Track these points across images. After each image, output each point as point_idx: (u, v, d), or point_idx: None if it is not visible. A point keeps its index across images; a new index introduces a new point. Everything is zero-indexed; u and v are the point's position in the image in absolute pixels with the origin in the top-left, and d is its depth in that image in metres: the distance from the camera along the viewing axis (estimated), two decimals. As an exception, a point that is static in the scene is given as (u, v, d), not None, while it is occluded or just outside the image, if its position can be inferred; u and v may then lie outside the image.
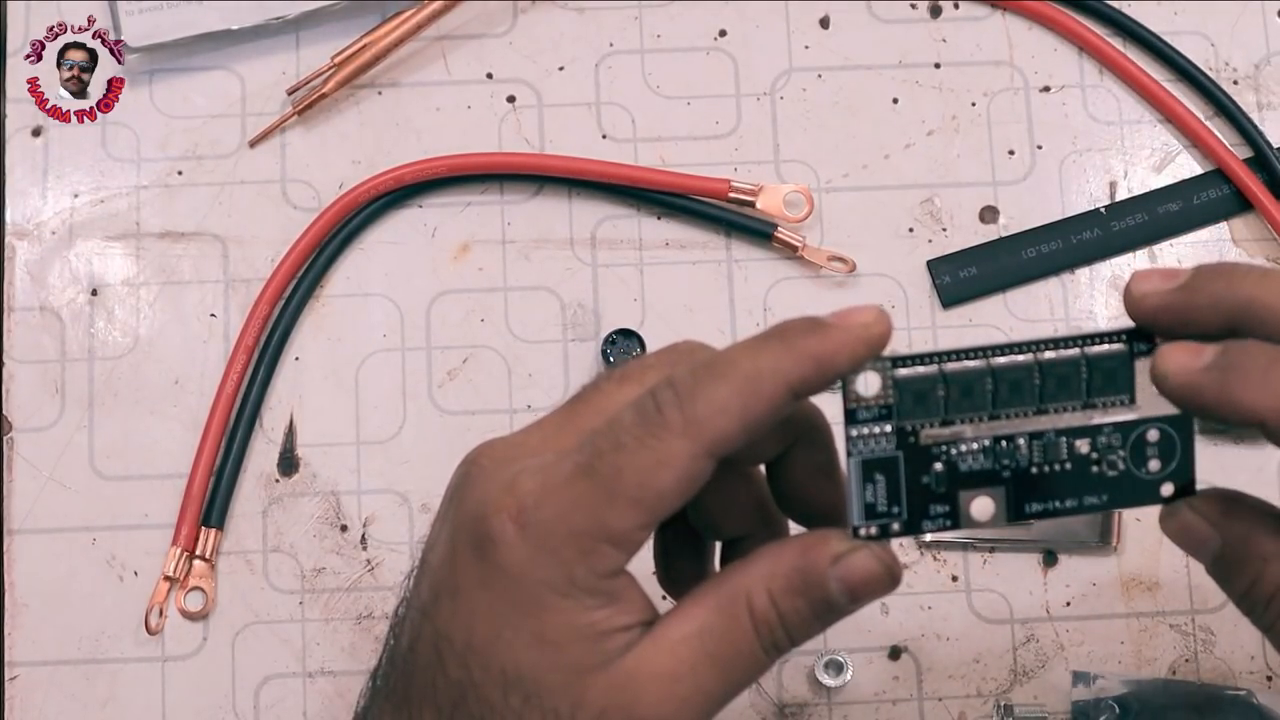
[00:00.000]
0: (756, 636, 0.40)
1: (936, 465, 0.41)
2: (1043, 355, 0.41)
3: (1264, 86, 0.66)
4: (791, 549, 0.41)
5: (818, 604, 0.40)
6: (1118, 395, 0.41)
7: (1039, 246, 0.64)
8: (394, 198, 0.64)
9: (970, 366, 0.41)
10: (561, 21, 0.66)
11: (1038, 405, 0.41)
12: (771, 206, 0.63)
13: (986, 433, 0.41)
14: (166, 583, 0.60)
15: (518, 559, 0.40)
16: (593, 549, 0.40)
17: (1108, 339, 0.41)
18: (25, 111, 0.65)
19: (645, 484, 0.39)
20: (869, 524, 0.41)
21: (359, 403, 0.62)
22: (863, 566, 0.40)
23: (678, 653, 0.40)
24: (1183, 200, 0.65)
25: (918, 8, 0.67)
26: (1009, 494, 0.41)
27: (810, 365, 0.40)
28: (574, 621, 0.40)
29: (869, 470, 0.40)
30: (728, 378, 0.40)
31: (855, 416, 0.40)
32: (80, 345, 0.62)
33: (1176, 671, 0.60)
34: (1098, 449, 0.41)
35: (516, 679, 0.40)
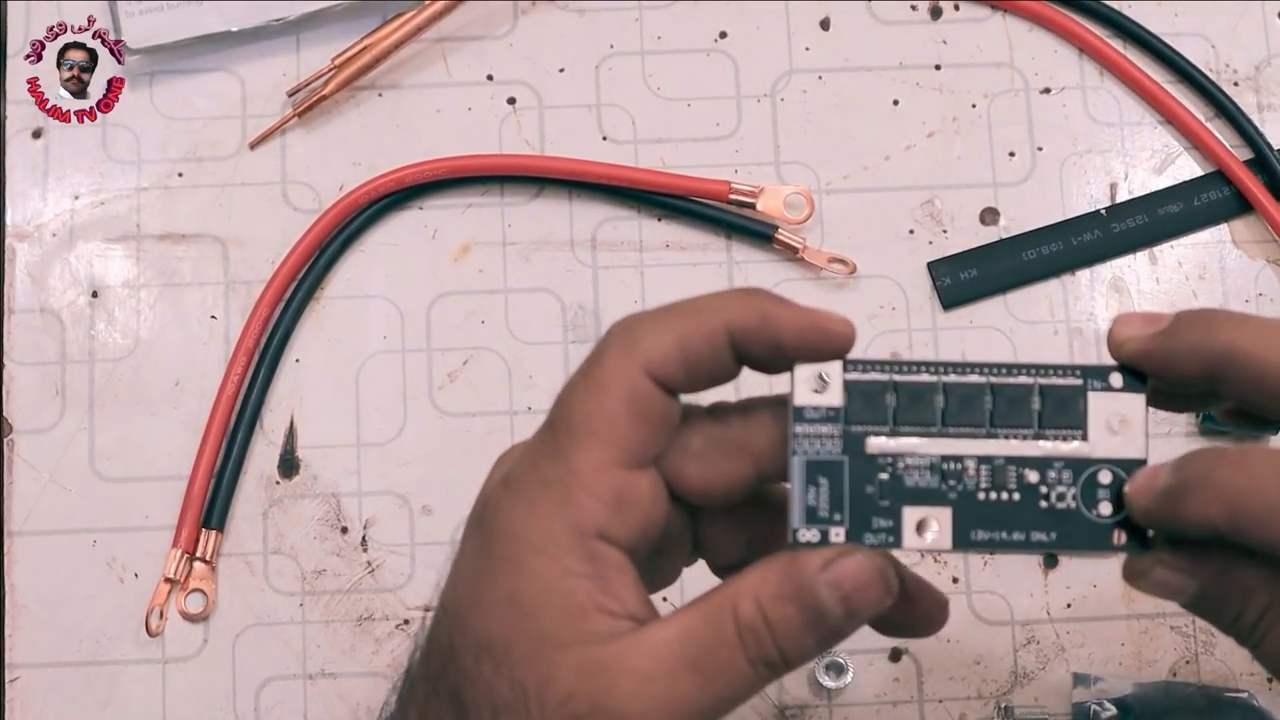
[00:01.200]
0: (741, 645, 0.39)
1: (882, 475, 0.40)
2: (995, 377, 0.41)
3: (1264, 88, 0.66)
4: (781, 558, 0.40)
5: (808, 612, 0.39)
6: (1070, 429, 0.41)
7: (1039, 248, 0.64)
8: (394, 199, 0.64)
9: (921, 379, 0.40)
10: (562, 23, 0.66)
11: (988, 427, 0.41)
12: (772, 208, 0.63)
13: (935, 450, 0.40)
14: (167, 584, 0.60)
15: (502, 515, 0.40)
16: (567, 496, 0.39)
17: (1063, 371, 0.41)
18: (25, 113, 0.65)
19: (592, 410, 0.40)
20: (809, 528, 0.40)
21: (359, 404, 0.62)
22: (854, 569, 0.39)
23: (657, 653, 0.39)
24: (1183, 202, 0.65)
25: (918, 9, 0.67)
26: (955, 517, 0.40)
27: (755, 316, 0.40)
28: (551, 585, 0.39)
29: (812, 472, 0.40)
30: (673, 307, 0.41)
31: (802, 415, 0.40)
32: (81, 347, 0.62)
33: (1177, 673, 0.60)
34: (1047, 482, 0.41)
35: (488, 644, 0.39)
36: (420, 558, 0.61)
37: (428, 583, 0.60)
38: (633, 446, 0.40)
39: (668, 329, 0.40)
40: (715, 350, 0.40)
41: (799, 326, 0.40)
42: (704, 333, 0.40)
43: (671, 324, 0.40)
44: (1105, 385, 0.41)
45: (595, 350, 0.41)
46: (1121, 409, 0.41)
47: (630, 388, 0.40)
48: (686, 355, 0.40)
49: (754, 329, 0.40)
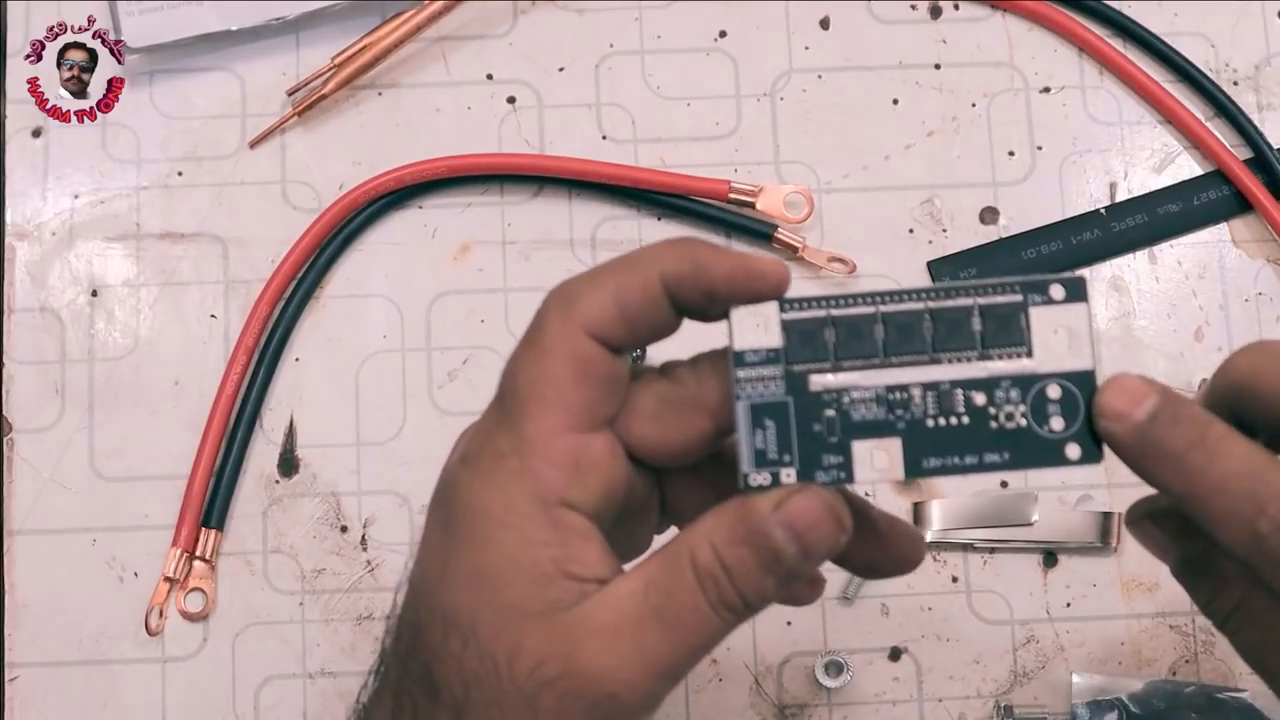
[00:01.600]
0: (701, 590, 0.39)
1: (828, 412, 0.40)
2: (932, 302, 0.40)
3: (1264, 87, 0.66)
4: (732, 504, 0.40)
5: (763, 552, 0.39)
6: (1013, 346, 0.40)
7: (1039, 247, 0.64)
8: (394, 198, 0.64)
9: (859, 311, 0.40)
10: (561, 22, 0.66)
11: (930, 354, 0.40)
12: (772, 207, 0.63)
13: (878, 381, 0.40)
14: (166, 584, 0.60)
15: (461, 491, 0.40)
16: (523, 467, 0.39)
17: (1002, 288, 0.40)
18: (25, 112, 0.65)
19: (536, 378, 0.40)
20: (759, 471, 0.40)
21: (359, 404, 0.62)
22: (804, 507, 0.39)
23: (621, 607, 0.39)
24: (1183, 201, 0.65)
25: (918, 9, 0.67)
26: (905, 447, 0.40)
27: (687, 263, 0.40)
28: (516, 556, 0.39)
29: (758, 415, 0.40)
30: (605, 267, 0.41)
31: (743, 359, 0.40)
32: (80, 346, 0.62)
33: (1177, 672, 0.60)
34: (995, 403, 0.40)
35: (455, 619, 0.39)
36: (420, 557, 0.61)
37: (427, 582, 0.60)
38: (582, 409, 0.40)
39: (602, 286, 0.40)
40: (652, 302, 0.40)
41: (730, 269, 0.40)
42: (639, 285, 0.40)
43: (606, 281, 0.40)
44: (1046, 298, 0.40)
45: (535, 318, 0.41)
46: (1065, 320, 0.40)
47: (572, 350, 0.40)
48: (624, 310, 0.40)
49: (687, 276, 0.40)
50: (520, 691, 0.39)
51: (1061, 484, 0.61)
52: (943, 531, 0.60)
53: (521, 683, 0.39)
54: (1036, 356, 0.40)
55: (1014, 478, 0.62)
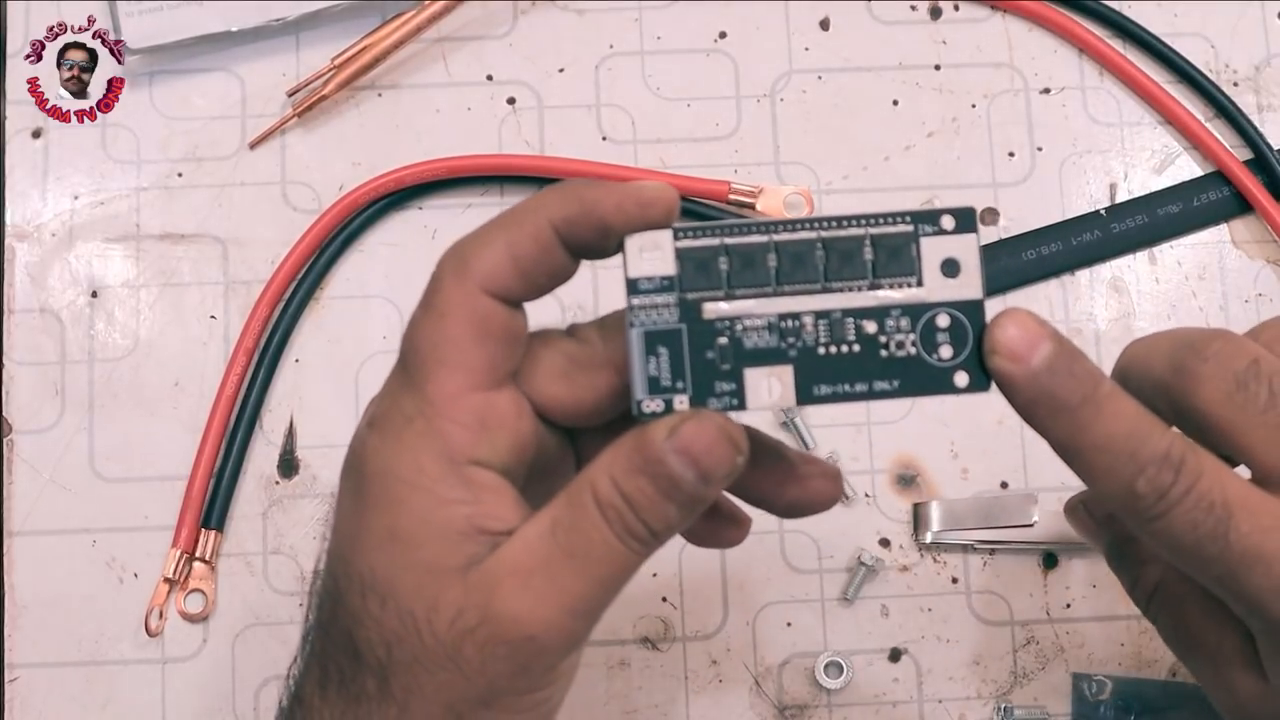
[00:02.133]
0: (606, 523, 0.39)
1: (721, 340, 0.40)
2: (825, 232, 0.40)
3: (1264, 88, 0.66)
4: (629, 436, 0.40)
5: (661, 480, 0.39)
6: (904, 276, 0.41)
7: (1039, 248, 0.64)
8: (394, 199, 0.64)
9: (753, 240, 0.40)
10: (561, 23, 0.66)
11: (823, 283, 0.40)
12: (772, 208, 0.63)
13: (771, 310, 0.40)
14: (166, 584, 0.60)
15: (370, 455, 0.41)
16: (429, 428, 0.40)
17: (893, 219, 0.41)
18: (25, 113, 0.65)
19: (435, 340, 0.40)
20: (653, 398, 0.40)
21: (359, 404, 0.62)
22: (697, 432, 0.39)
23: (531, 548, 0.39)
24: (1183, 202, 0.65)
25: (918, 9, 0.67)
26: (797, 374, 0.40)
27: (574, 204, 0.40)
28: (428, 516, 0.39)
29: (651, 343, 0.40)
30: (494, 222, 0.41)
31: (637, 287, 0.40)
32: (80, 347, 0.62)
33: (1176, 673, 0.60)
34: (885, 331, 0.41)
35: (372, 581, 0.40)
36: (420, 558, 0.61)
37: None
38: (484, 367, 0.40)
39: (494, 241, 0.40)
40: (545, 249, 0.40)
41: (618, 200, 0.40)
42: (530, 235, 0.40)
43: (496, 235, 0.40)
44: (938, 229, 0.41)
45: (430, 280, 0.41)
46: (955, 251, 0.41)
47: (470, 309, 0.40)
48: (519, 262, 0.40)
49: (576, 216, 0.40)
50: (441, 645, 0.39)
51: (1061, 484, 0.61)
52: (943, 532, 0.60)
53: (442, 636, 0.39)
54: (927, 286, 0.41)
55: (1014, 478, 0.62)
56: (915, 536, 0.61)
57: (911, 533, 0.61)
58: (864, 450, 0.62)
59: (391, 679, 0.40)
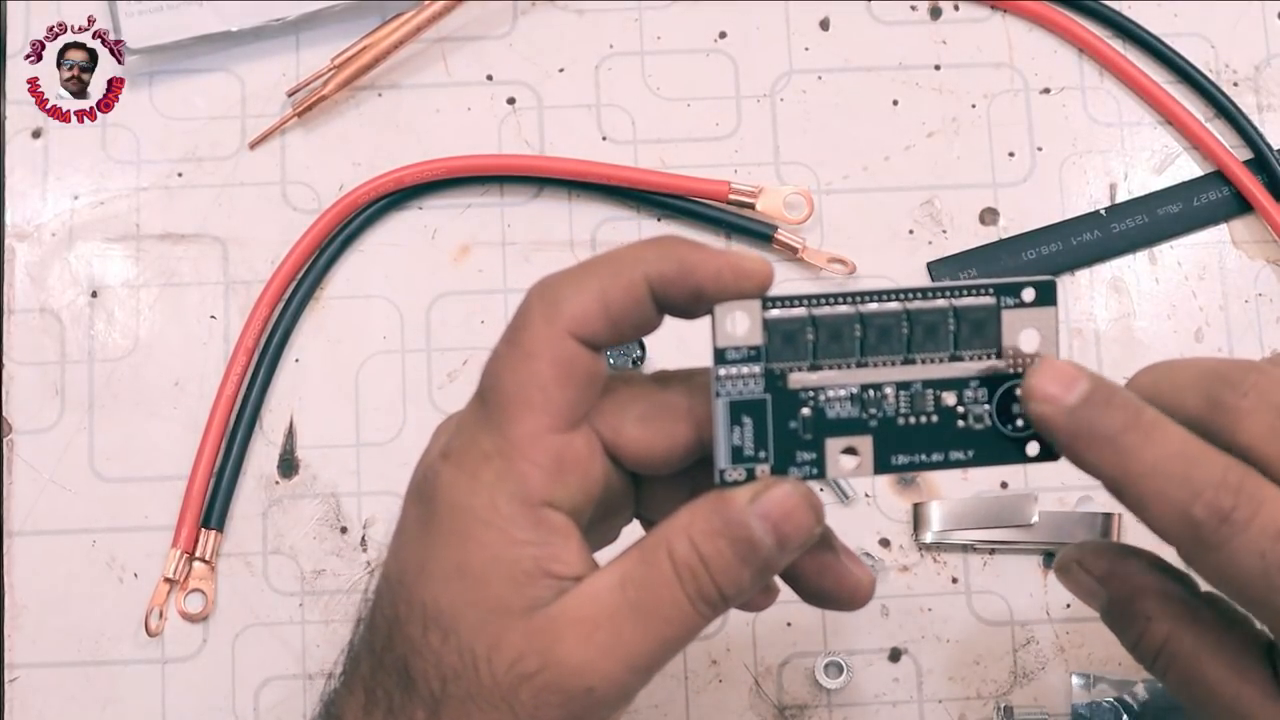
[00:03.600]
0: (679, 583, 0.39)
1: (804, 410, 0.41)
2: (911, 304, 0.41)
3: (1264, 88, 0.66)
4: (708, 498, 0.40)
5: (740, 544, 0.39)
6: (984, 348, 0.41)
7: (1039, 248, 0.64)
8: (394, 199, 0.64)
9: (839, 311, 0.40)
10: (561, 23, 0.66)
11: (905, 354, 0.41)
12: (771, 208, 0.63)
13: (854, 380, 0.41)
14: (166, 584, 0.60)
15: (444, 489, 0.40)
16: (508, 468, 0.40)
17: (977, 291, 0.41)
18: (25, 113, 0.65)
19: (522, 380, 0.40)
20: (736, 467, 0.40)
21: (359, 404, 0.62)
22: (781, 498, 0.39)
23: (599, 600, 0.39)
24: (1183, 202, 0.65)
25: (918, 9, 0.67)
26: (876, 444, 0.41)
27: (673, 263, 0.40)
28: (498, 555, 0.39)
29: (736, 412, 0.40)
30: (590, 265, 0.41)
31: (724, 356, 0.40)
32: (80, 347, 0.62)
33: (1176, 673, 0.60)
34: (964, 402, 0.41)
35: (435, 614, 0.40)
36: (420, 558, 0.61)
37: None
38: (565, 410, 0.40)
39: (588, 288, 0.40)
40: (637, 302, 0.40)
41: (716, 268, 0.40)
42: (624, 286, 0.40)
43: (590, 283, 0.40)
44: (1018, 301, 0.41)
45: (518, 316, 0.41)
46: (1035, 322, 0.41)
47: (558, 352, 0.40)
48: (609, 311, 0.40)
49: (673, 277, 0.40)
50: (498, 686, 0.39)
51: (1061, 485, 0.61)
52: (943, 532, 0.61)
53: (500, 678, 0.39)
54: (1005, 357, 0.41)
55: (1014, 478, 0.62)
56: (915, 536, 0.61)
57: (911, 533, 0.61)
58: (864, 450, 0.62)
59: (443, 713, 0.40)
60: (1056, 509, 0.61)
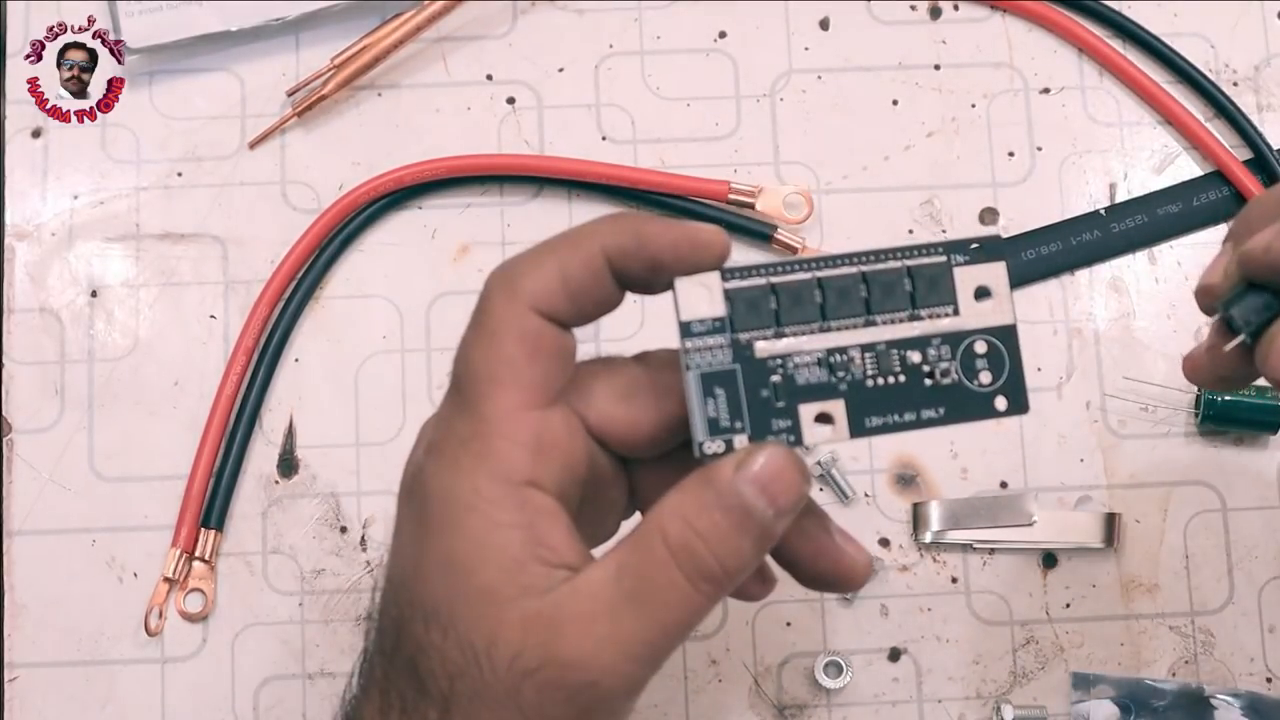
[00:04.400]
0: (676, 565, 0.39)
1: (774, 378, 0.41)
2: (866, 266, 0.41)
3: (1264, 88, 0.66)
4: (695, 475, 0.40)
5: (735, 513, 0.39)
6: (941, 305, 0.42)
7: (1039, 248, 0.64)
8: (394, 199, 0.64)
9: (798, 277, 0.41)
10: (561, 23, 0.66)
11: (866, 315, 0.41)
12: (771, 208, 0.63)
13: (820, 345, 0.41)
14: (166, 584, 0.60)
15: (428, 480, 0.40)
16: (485, 449, 0.40)
17: (927, 250, 0.42)
18: (25, 112, 0.65)
19: (489, 360, 0.40)
20: (713, 439, 0.40)
21: (359, 404, 0.62)
22: (766, 460, 0.39)
23: (595, 594, 0.39)
24: (1183, 202, 0.65)
25: (917, 9, 0.67)
26: (849, 407, 0.41)
27: (629, 236, 0.40)
28: (485, 540, 0.39)
29: (708, 384, 0.40)
30: (546, 244, 0.41)
31: (690, 330, 0.40)
32: (80, 347, 0.62)
33: (1176, 673, 0.60)
34: (929, 360, 0.42)
35: (434, 610, 0.40)
36: (419, 557, 0.61)
37: (427, 582, 0.60)
38: (537, 385, 0.40)
39: (545, 263, 0.41)
40: (595, 276, 0.41)
41: (673, 239, 0.40)
42: (582, 260, 0.40)
43: (548, 258, 0.41)
44: (967, 258, 0.42)
45: (480, 299, 0.41)
46: (985, 279, 0.42)
47: (521, 328, 0.40)
48: (569, 285, 0.40)
49: (630, 249, 0.40)
50: (502, 683, 0.39)
51: (1061, 484, 0.61)
52: (942, 532, 0.61)
53: (502, 674, 0.39)
54: (962, 313, 0.42)
55: (1014, 478, 0.62)
56: (915, 536, 0.61)
57: (911, 532, 0.61)
58: (863, 450, 0.62)
59: (454, 712, 0.40)
60: (1056, 509, 0.61)
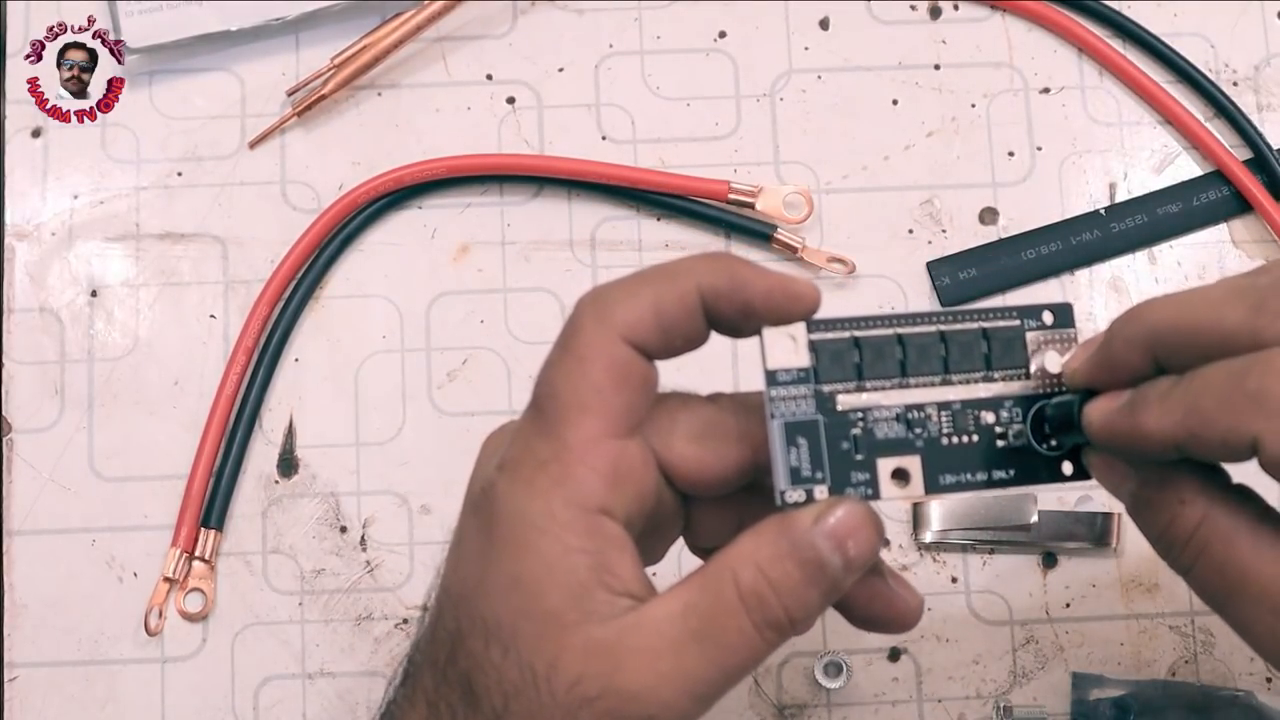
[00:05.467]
0: (745, 610, 0.39)
1: (854, 430, 0.41)
2: (944, 325, 0.42)
3: (1264, 88, 0.66)
4: (771, 522, 0.40)
5: (808, 566, 0.39)
6: (1014, 368, 0.43)
7: (1039, 248, 0.64)
8: (394, 199, 0.64)
9: (880, 332, 0.42)
10: (561, 23, 0.66)
11: (943, 374, 0.42)
12: (771, 208, 0.63)
13: (899, 401, 0.42)
14: (166, 584, 0.60)
15: (500, 498, 0.40)
16: (564, 473, 0.40)
17: (1002, 314, 0.43)
18: (25, 112, 0.65)
19: (576, 385, 0.40)
20: (795, 488, 0.40)
21: (358, 404, 0.62)
22: (846, 517, 0.40)
23: (661, 629, 0.39)
24: (1182, 202, 0.65)
25: (917, 9, 0.67)
26: (924, 464, 0.42)
27: (725, 276, 0.40)
28: (554, 563, 0.39)
29: (792, 433, 0.40)
30: (641, 275, 0.41)
31: (776, 379, 0.41)
32: (80, 346, 0.62)
33: (1176, 673, 0.60)
34: (1001, 422, 0.43)
35: (495, 627, 0.40)
36: (419, 557, 0.61)
37: (426, 582, 0.60)
38: (621, 414, 0.40)
39: (640, 294, 0.40)
40: (688, 313, 0.41)
41: (768, 287, 0.40)
42: (677, 295, 0.40)
43: (643, 289, 0.41)
44: (1040, 324, 0.43)
45: (570, 323, 0.41)
46: (1055, 343, 0.43)
47: (611, 356, 0.40)
48: (662, 319, 0.40)
49: (725, 291, 0.40)
50: (559, 707, 0.39)
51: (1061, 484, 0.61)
52: (942, 532, 0.61)
53: (560, 698, 0.39)
54: (1033, 377, 0.43)
55: (1013, 478, 0.62)
56: (915, 536, 0.61)
57: (911, 532, 0.61)
58: (863, 450, 0.62)
59: None
60: (1056, 509, 0.61)
